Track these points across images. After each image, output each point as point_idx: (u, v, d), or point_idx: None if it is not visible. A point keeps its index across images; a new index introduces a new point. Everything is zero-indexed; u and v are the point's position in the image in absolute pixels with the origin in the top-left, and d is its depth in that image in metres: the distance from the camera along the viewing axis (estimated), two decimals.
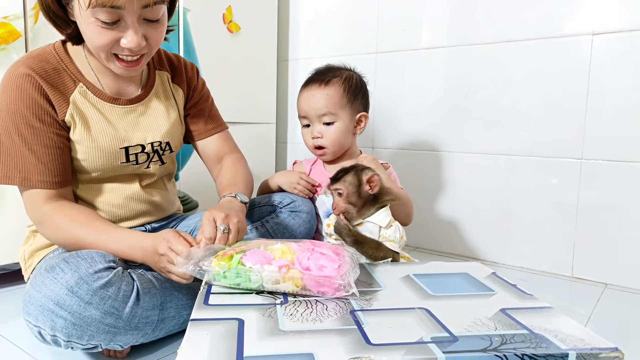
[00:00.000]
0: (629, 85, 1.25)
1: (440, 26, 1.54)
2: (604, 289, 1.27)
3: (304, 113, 1.18)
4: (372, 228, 1.00)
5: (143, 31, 0.81)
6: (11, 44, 1.09)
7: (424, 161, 1.60)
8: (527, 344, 0.58)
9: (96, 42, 0.81)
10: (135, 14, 0.78)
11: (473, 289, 0.79)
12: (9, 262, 1.14)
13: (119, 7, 0.76)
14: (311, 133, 1.17)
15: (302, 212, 1.11)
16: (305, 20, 1.88)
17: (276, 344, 0.58)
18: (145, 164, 0.98)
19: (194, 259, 0.74)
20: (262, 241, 0.83)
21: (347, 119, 1.16)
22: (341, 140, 1.17)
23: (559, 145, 1.36)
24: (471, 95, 1.50)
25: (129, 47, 0.81)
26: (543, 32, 1.36)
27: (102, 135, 0.91)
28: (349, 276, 0.73)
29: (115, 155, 0.92)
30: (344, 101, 1.15)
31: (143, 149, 0.96)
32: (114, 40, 0.80)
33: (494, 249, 1.50)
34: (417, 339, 0.59)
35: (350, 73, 1.19)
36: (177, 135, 1.03)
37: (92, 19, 0.78)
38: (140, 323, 0.79)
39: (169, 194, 1.08)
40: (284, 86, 1.96)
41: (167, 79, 1.02)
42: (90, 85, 0.90)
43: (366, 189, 0.99)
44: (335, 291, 0.72)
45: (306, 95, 1.17)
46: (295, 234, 1.09)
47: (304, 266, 0.73)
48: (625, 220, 1.28)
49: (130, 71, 0.86)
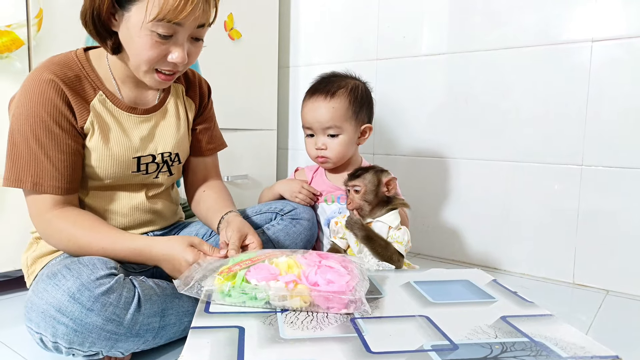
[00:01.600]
0: (628, 91, 1.25)
1: (440, 33, 1.55)
2: (606, 296, 1.27)
3: (308, 124, 1.18)
4: (381, 227, 1.02)
5: (187, 48, 0.86)
6: (14, 52, 1.10)
7: (425, 168, 1.61)
8: (527, 352, 0.58)
9: (144, 55, 0.84)
10: (189, 31, 0.84)
11: (474, 296, 0.79)
12: (10, 269, 1.15)
13: (179, 24, 0.81)
14: (315, 144, 1.17)
15: (303, 220, 1.11)
16: (306, 27, 1.89)
17: (277, 352, 0.58)
18: (154, 174, 0.99)
19: (194, 278, 0.74)
20: (266, 253, 0.80)
21: (352, 131, 1.16)
22: (344, 152, 1.17)
23: (559, 152, 1.36)
24: (471, 101, 1.50)
25: (175, 61, 0.85)
26: (543, 38, 1.37)
27: (117, 144, 0.92)
28: (359, 291, 0.71)
29: (128, 164, 0.94)
30: (349, 114, 1.15)
31: (154, 159, 0.97)
32: (162, 54, 0.84)
33: (494, 255, 1.50)
34: (418, 347, 0.59)
35: (356, 83, 1.19)
36: (185, 147, 1.05)
37: (148, 31, 0.81)
38: (141, 330, 0.79)
39: (173, 204, 1.09)
40: (285, 93, 1.97)
41: (182, 91, 1.04)
42: (109, 94, 0.92)
43: (383, 190, 1.01)
44: (344, 307, 0.69)
45: (311, 107, 1.17)
46: (297, 241, 1.09)
47: (312, 281, 0.71)
48: (627, 227, 1.28)
49: (163, 84, 0.90)
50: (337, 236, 1.07)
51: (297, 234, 1.09)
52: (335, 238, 1.08)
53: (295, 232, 1.09)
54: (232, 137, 1.72)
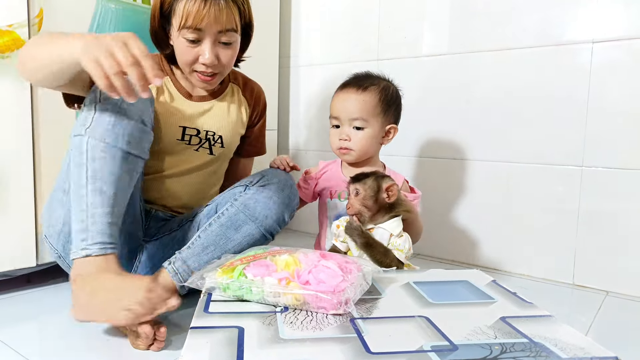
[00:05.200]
0: (629, 92, 1.25)
1: (441, 33, 1.55)
2: (605, 297, 1.27)
3: (336, 114, 1.18)
4: (382, 234, 1.01)
5: (217, 52, 1.03)
6: (15, 52, 1.10)
7: (424, 168, 1.61)
8: (527, 352, 0.58)
9: (181, 58, 1.04)
10: (212, 36, 1.01)
11: (473, 297, 0.79)
12: (10, 269, 1.15)
13: (200, 30, 0.99)
14: (339, 135, 1.17)
15: (271, 184, 1.02)
16: (307, 27, 1.89)
17: (276, 352, 0.58)
18: (196, 146, 1.13)
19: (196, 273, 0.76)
20: (271, 251, 0.83)
21: (378, 127, 1.16)
22: (367, 147, 1.17)
23: (559, 153, 1.36)
24: (472, 102, 1.50)
25: (204, 62, 1.02)
26: (544, 39, 1.37)
27: (168, 112, 1.09)
28: (349, 293, 0.71)
29: (174, 130, 1.10)
30: (377, 110, 1.15)
31: (198, 132, 1.13)
32: (195, 57, 1.02)
33: (494, 256, 1.50)
34: (417, 348, 0.59)
35: (388, 84, 1.20)
36: (231, 136, 1.19)
37: (181, 38, 1.01)
38: None
39: (201, 193, 1.19)
40: (286, 93, 1.97)
41: (238, 91, 1.23)
42: (174, 79, 1.13)
43: (384, 196, 1.01)
44: (333, 308, 0.70)
45: (342, 97, 1.18)
46: (269, 205, 1.00)
47: (303, 280, 0.72)
48: (627, 228, 1.27)
49: (206, 85, 1.09)
50: (339, 239, 1.07)
51: (267, 199, 1.01)
52: (336, 240, 1.08)
53: (265, 198, 1.01)
54: None
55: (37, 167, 1.16)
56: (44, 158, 1.17)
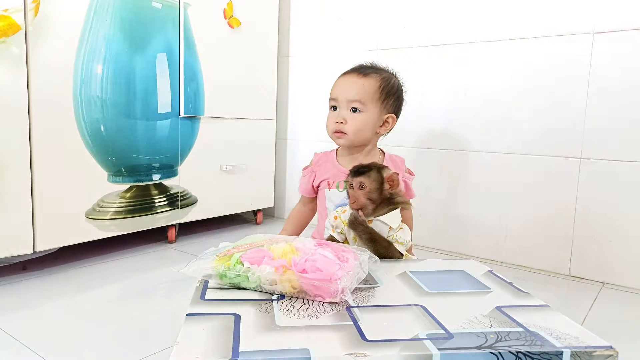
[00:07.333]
0: (629, 84, 1.25)
1: (441, 24, 1.54)
2: (601, 288, 1.27)
3: (335, 95, 1.18)
4: (381, 227, 1.00)
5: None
6: (11, 37, 1.09)
7: (421, 159, 1.60)
8: (522, 341, 0.58)
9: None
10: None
11: (469, 286, 0.79)
12: (6, 255, 1.15)
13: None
14: (336, 117, 1.17)
15: None
16: (306, 16, 1.88)
17: (272, 339, 0.58)
18: None
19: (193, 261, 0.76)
20: (267, 239, 0.83)
21: (375, 113, 1.16)
22: (363, 132, 1.16)
23: (558, 144, 1.36)
24: (470, 93, 1.50)
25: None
26: (544, 30, 1.36)
27: None
28: (345, 281, 0.71)
29: None
30: (376, 96, 1.15)
31: None
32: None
33: (491, 247, 1.50)
34: (413, 336, 0.59)
35: (390, 75, 1.20)
36: None
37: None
38: None
39: None
40: (284, 82, 1.96)
41: None
42: None
43: (386, 187, 1.00)
44: (329, 296, 0.70)
45: (342, 81, 1.19)
46: None
47: (300, 268, 0.72)
48: (623, 220, 1.28)
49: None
50: (336, 230, 1.06)
51: None
52: (333, 232, 1.07)
53: None
54: (230, 126, 1.71)
55: (34, 154, 1.16)
56: (40, 145, 1.16)
